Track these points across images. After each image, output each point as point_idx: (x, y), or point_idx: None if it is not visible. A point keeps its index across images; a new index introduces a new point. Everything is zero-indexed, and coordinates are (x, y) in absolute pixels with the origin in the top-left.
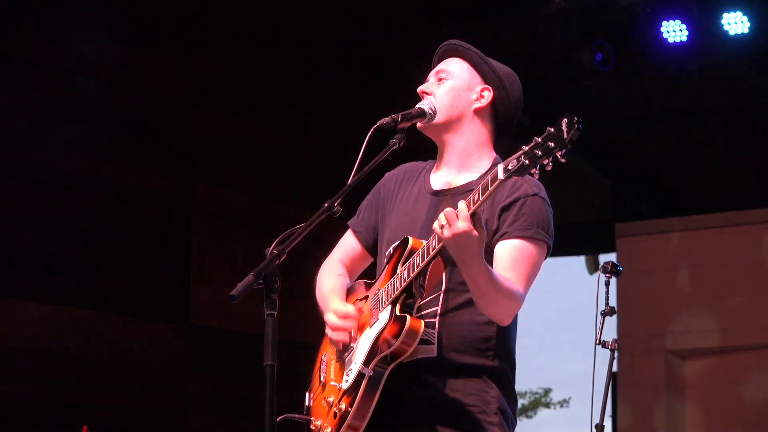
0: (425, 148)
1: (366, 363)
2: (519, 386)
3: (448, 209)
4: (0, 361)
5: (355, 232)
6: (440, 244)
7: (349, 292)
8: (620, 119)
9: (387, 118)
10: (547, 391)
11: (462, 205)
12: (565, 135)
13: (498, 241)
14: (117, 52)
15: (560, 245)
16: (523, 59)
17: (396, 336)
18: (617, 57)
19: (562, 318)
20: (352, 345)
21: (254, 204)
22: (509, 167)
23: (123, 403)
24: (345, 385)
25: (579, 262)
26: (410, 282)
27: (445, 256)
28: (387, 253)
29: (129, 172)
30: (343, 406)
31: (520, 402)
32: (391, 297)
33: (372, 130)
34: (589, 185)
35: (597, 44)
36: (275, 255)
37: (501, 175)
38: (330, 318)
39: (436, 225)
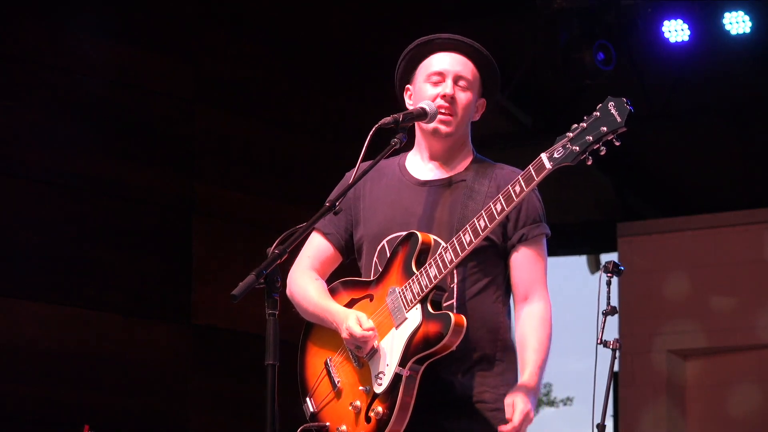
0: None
1: (402, 364)
2: None
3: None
4: (0, 361)
5: (325, 234)
6: (477, 239)
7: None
8: None
9: (388, 118)
10: (548, 390)
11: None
12: (618, 118)
13: (515, 245)
14: (117, 52)
15: (562, 245)
16: (524, 59)
17: (440, 335)
18: (618, 57)
19: (563, 317)
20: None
21: (254, 204)
22: (555, 155)
23: (123, 403)
24: (380, 389)
25: (580, 261)
26: (442, 279)
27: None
28: (379, 248)
29: (129, 172)
30: (380, 409)
31: None
32: (419, 295)
33: (374, 129)
34: (591, 185)
35: (598, 44)
36: (276, 254)
37: (548, 165)
38: (356, 330)
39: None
